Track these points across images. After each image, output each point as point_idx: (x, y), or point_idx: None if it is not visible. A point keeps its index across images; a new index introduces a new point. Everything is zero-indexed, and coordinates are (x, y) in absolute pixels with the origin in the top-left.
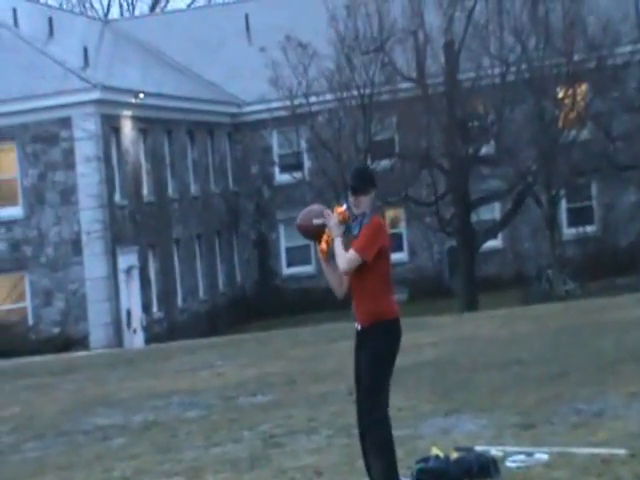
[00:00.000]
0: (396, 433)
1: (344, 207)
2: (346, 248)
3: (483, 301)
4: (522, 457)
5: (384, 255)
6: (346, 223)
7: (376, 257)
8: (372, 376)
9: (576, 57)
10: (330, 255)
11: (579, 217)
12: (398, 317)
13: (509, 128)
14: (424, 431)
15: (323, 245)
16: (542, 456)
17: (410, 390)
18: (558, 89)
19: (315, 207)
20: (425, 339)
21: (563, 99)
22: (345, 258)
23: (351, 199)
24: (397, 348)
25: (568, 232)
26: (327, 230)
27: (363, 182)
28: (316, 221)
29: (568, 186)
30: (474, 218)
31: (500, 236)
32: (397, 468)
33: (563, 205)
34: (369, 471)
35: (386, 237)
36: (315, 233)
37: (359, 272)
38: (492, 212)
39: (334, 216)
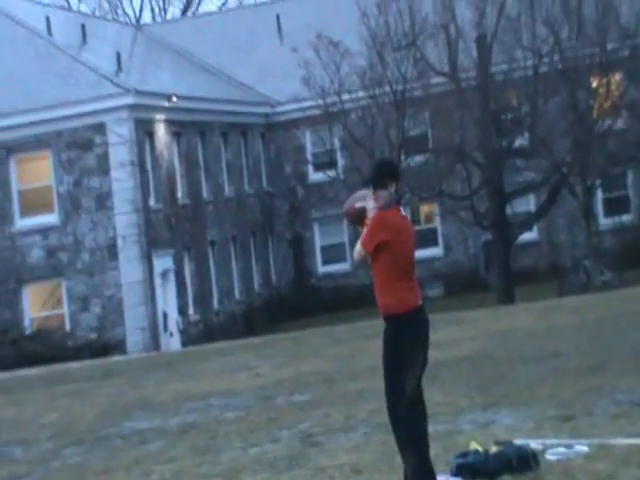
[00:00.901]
0: (434, 428)
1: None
2: None
3: (519, 294)
4: (562, 449)
5: (385, 250)
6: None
7: (376, 251)
8: (388, 370)
9: (609, 46)
10: None
11: (615, 207)
12: (415, 309)
13: (543, 120)
14: (462, 426)
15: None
16: (582, 448)
17: (448, 385)
18: (592, 79)
19: (359, 192)
20: (462, 333)
21: (597, 89)
22: (356, 249)
23: (371, 192)
24: (415, 341)
25: (604, 222)
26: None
27: (378, 175)
28: (358, 204)
29: (603, 176)
30: (509, 211)
31: (536, 228)
32: (429, 463)
33: (599, 195)
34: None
35: (387, 232)
36: (358, 216)
37: (372, 264)
38: (527, 204)
39: (372, 199)
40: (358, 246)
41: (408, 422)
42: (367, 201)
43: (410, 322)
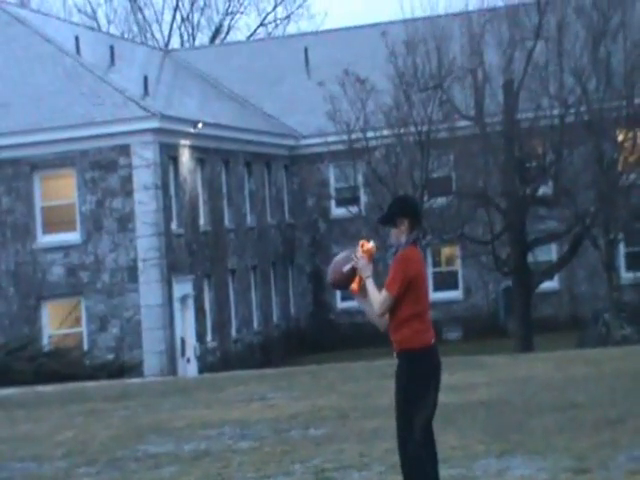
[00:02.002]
0: (449, 472)
1: (371, 244)
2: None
3: (538, 342)
4: None
5: (413, 286)
6: (373, 257)
7: (403, 289)
8: (397, 406)
9: (637, 100)
10: (364, 290)
11: (637, 261)
12: (429, 347)
13: (567, 169)
14: (476, 472)
15: (354, 286)
16: None
17: (463, 429)
18: (618, 132)
19: (339, 257)
20: (479, 378)
21: (623, 142)
22: (379, 301)
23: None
24: (426, 377)
25: (626, 276)
26: (358, 272)
27: (390, 213)
28: (346, 268)
29: (626, 230)
30: (530, 258)
31: (557, 277)
32: None
33: (621, 249)
34: None
35: (413, 268)
36: (347, 280)
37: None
38: (549, 253)
39: (362, 257)
40: (382, 296)
41: (416, 462)
42: (355, 261)
43: (424, 359)
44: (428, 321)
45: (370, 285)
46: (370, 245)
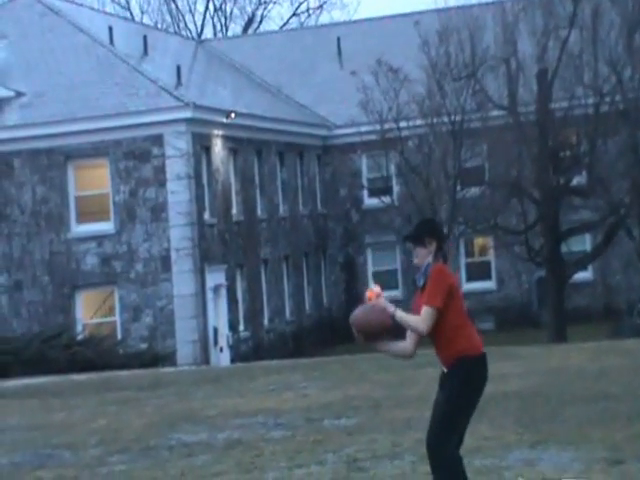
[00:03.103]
0: (482, 462)
1: (376, 288)
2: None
3: (571, 333)
4: None
5: (452, 295)
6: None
7: (447, 299)
8: (446, 412)
9: None
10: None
11: None
12: (482, 353)
13: (602, 159)
14: (510, 462)
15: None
16: None
17: (496, 420)
18: None
19: (362, 310)
20: (512, 369)
21: None
22: (420, 319)
23: (412, 249)
24: (481, 385)
25: None
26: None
27: (418, 233)
28: (372, 317)
29: None
30: (564, 249)
31: (590, 268)
32: None
33: None
34: None
35: (450, 277)
36: (376, 330)
37: (439, 318)
38: (583, 243)
39: (379, 299)
40: (423, 313)
41: (451, 465)
42: (376, 306)
43: (481, 367)
44: (475, 329)
45: (401, 314)
46: (377, 290)
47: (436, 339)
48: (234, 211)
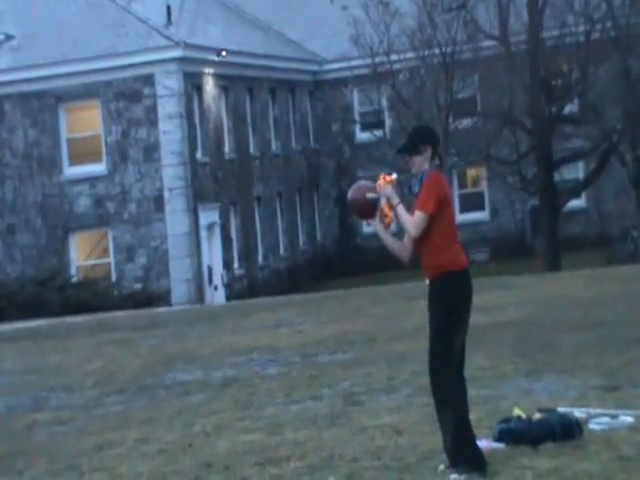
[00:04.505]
0: (477, 392)
1: (393, 175)
2: (410, 208)
3: (566, 261)
4: (606, 419)
5: (445, 205)
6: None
7: (438, 208)
8: (438, 329)
9: None
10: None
11: None
12: (466, 268)
13: (594, 87)
14: (506, 391)
15: (387, 211)
16: (627, 419)
17: (492, 350)
18: None
19: (364, 182)
20: (507, 299)
21: None
22: (412, 223)
23: (407, 159)
24: (467, 301)
25: None
26: (385, 201)
27: (413, 142)
28: (370, 195)
29: None
30: (557, 177)
31: (584, 196)
32: (469, 426)
33: None
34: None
35: (445, 187)
36: (367, 208)
37: (428, 226)
38: (576, 171)
39: (387, 185)
40: (416, 217)
41: (450, 383)
42: (381, 190)
43: (466, 281)
44: (460, 244)
45: (402, 211)
46: (393, 176)
47: (425, 246)
48: (226, 149)
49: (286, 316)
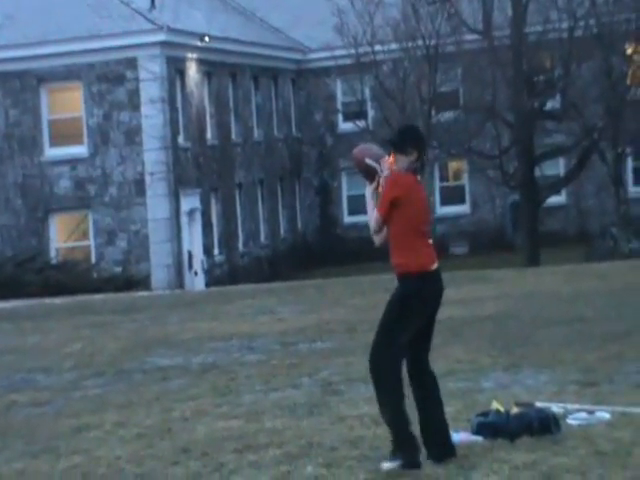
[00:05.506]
0: (456, 385)
1: (391, 158)
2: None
3: (545, 257)
4: (583, 415)
5: (398, 208)
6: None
7: (390, 210)
8: (384, 325)
9: None
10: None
11: None
12: (429, 271)
13: (576, 83)
14: (484, 385)
15: (380, 189)
16: (604, 415)
17: (470, 343)
18: (627, 45)
19: (375, 150)
20: (486, 292)
21: (632, 55)
22: (374, 217)
23: (391, 156)
24: (424, 304)
25: (634, 190)
26: (378, 178)
27: (402, 140)
28: (368, 161)
29: (635, 143)
30: (538, 173)
31: (564, 192)
32: (404, 419)
33: (629, 163)
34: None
35: (399, 189)
36: (362, 169)
37: (388, 226)
38: (557, 167)
39: (386, 167)
40: (375, 214)
41: (388, 376)
42: (381, 164)
43: (424, 283)
44: (427, 246)
45: (371, 200)
46: (392, 159)
47: (389, 244)
48: (208, 135)
49: (266, 304)
